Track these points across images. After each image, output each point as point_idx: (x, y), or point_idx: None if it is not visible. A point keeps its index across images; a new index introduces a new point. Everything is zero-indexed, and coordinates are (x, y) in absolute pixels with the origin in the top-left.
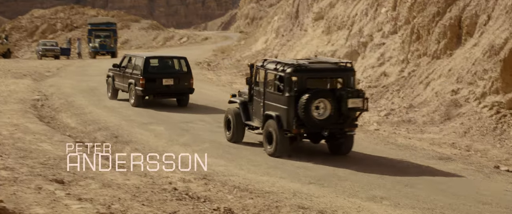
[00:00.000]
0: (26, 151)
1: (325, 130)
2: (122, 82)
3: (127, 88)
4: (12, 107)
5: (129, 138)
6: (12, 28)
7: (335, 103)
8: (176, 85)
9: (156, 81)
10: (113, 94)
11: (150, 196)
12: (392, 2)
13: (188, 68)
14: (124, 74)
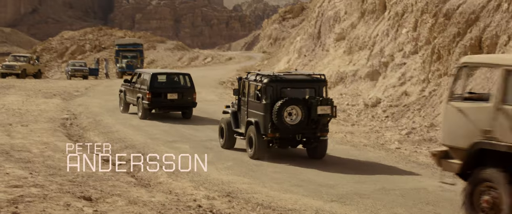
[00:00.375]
0: (55, 169)
1: (298, 135)
2: (132, 97)
3: (136, 101)
4: (42, 126)
5: (154, 156)
6: (43, 49)
7: (305, 110)
8: (180, 100)
9: (162, 95)
10: (124, 108)
11: (175, 213)
12: (413, 23)
13: (191, 84)
14: (133, 89)
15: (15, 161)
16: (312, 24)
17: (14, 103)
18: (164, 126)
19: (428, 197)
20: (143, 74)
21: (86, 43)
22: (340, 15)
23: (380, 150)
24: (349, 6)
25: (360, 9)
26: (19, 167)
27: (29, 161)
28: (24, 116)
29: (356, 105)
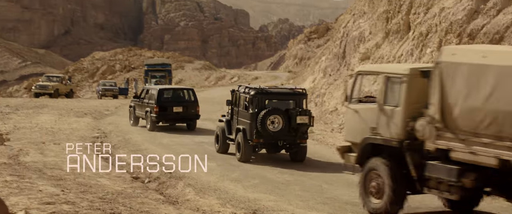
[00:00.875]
0: (86, 186)
1: (280, 141)
2: (141, 111)
3: (144, 115)
4: (74, 144)
5: (182, 174)
6: (74, 69)
7: (286, 119)
8: (185, 112)
9: (168, 109)
10: (134, 121)
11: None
12: (437, 43)
13: (195, 98)
14: (142, 104)
15: (48, 178)
16: (337, 44)
17: (47, 122)
18: (192, 144)
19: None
20: (151, 90)
21: (116, 64)
22: (364, 35)
23: None
24: (373, 26)
25: (385, 29)
26: (51, 184)
27: (61, 178)
28: (57, 134)
29: None
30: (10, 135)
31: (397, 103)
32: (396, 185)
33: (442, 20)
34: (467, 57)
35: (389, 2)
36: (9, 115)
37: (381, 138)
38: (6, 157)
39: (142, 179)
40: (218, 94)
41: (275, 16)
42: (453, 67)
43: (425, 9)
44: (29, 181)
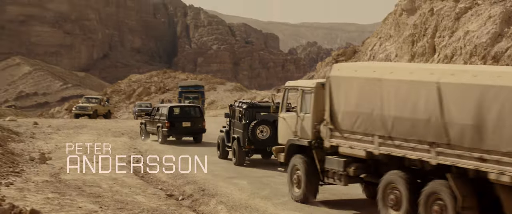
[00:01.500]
0: (123, 203)
1: (268, 147)
2: (152, 127)
3: (156, 131)
4: (112, 162)
5: (214, 191)
6: (112, 91)
7: (273, 129)
8: (192, 127)
9: (177, 124)
10: (145, 136)
11: None
12: (462, 64)
13: (201, 114)
14: (153, 121)
15: (87, 196)
16: None
17: (86, 141)
18: (223, 163)
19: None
20: (161, 108)
21: (152, 85)
22: (391, 57)
23: None
24: (399, 49)
25: (410, 52)
26: (90, 201)
27: (99, 195)
28: (96, 153)
29: None
30: (51, 154)
31: (307, 111)
32: (309, 177)
33: (466, 43)
34: (345, 72)
35: (414, 26)
36: (51, 135)
37: (298, 139)
38: (48, 175)
39: (176, 196)
40: None
41: (304, 39)
42: (337, 80)
43: (450, 33)
44: (70, 198)
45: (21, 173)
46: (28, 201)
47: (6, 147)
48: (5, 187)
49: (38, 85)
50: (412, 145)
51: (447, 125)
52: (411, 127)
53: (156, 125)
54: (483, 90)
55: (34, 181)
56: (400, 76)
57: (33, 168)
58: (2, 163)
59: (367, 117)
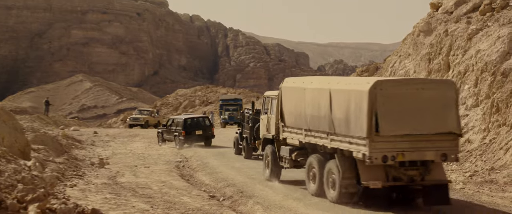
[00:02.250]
0: (171, 203)
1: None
2: (169, 135)
3: (172, 139)
4: (161, 167)
5: (252, 193)
6: (161, 104)
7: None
8: (204, 134)
9: (191, 132)
10: (162, 143)
11: None
12: (474, 80)
13: (210, 123)
14: (169, 130)
15: (139, 196)
16: None
17: (139, 149)
18: (260, 168)
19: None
20: (176, 119)
21: (196, 99)
22: (410, 73)
23: None
24: (417, 66)
25: (427, 68)
26: (142, 201)
27: (150, 196)
28: (147, 159)
29: None
30: (109, 160)
31: (273, 113)
32: (274, 162)
33: (478, 60)
34: (289, 83)
35: (431, 45)
36: (108, 142)
37: (268, 134)
38: (106, 178)
39: (218, 197)
40: None
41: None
42: (284, 90)
43: (463, 51)
44: (125, 198)
45: (83, 176)
46: (89, 200)
47: (71, 153)
48: (69, 188)
49: (97, 99)
50: (319, 135)
51: (333, 119)
52: (318, 122)
53: (173, 134)
54: (346, 94)
55: (94, 183)
56: (313, 86)
57: (93, 172)
58: (67, 167)
59: (298, 115)
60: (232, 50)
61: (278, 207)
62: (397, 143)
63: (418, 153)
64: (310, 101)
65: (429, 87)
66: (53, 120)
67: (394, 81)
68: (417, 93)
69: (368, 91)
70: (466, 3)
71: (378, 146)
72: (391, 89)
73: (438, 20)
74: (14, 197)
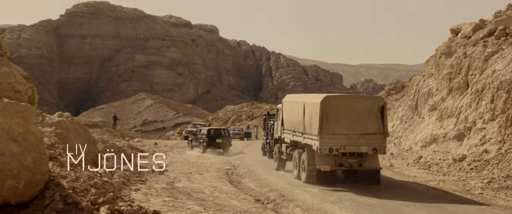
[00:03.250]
0: (221, 205)
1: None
2: (196, 142)
3: (198, 145)
4: (212, 174)
5: (292, 197)
6: (213, 118)
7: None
8: (222, 142)
9: (213, 140)
10: (191, 148)
11: None
12: (491, 97)
13: (228, 133)
14: (196, 138)
15: (194, 199)
16: (411, 98)
17: (193, 158)
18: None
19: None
20: (202, 129)
21: (243, 114)
22: (432, 91)
23: (466, 194)
24: (439, 84)
25: (448, 86)
26: (196, 204)
27: (203, 199)
28: (200, 167)
29: (446, 160)
30: (167, 167)
31: (279, 120)
32: (279, 156)
33: (494, 79)
34: (287, 98)
35: (451, 66)
36: (167, 152)
37: (277, 136)
38: (165, 183)
39: (262, 201)
40: None
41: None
42: (285, 103)
43: (480, 71)
44: (181, 201)
45: (145, 182)
46: (150, 203)
47: (135, 162)
48: (134, 192)
49: (157, 114)
50: (298, 135)
51: (305, 123)
52: (298, 125)
53: (199, 141)
54: (308, 105)
55: (155, 187)
56: (298, 100)
57: (154, 178)
58: (132, 174)
59: (290, 121)
60: (274, 71)
61: (315, 209)
62: (339, 140)
63: (355, 147)
64: (295, 111)
65: (362, 101)
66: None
67: (338, 96)
68: (354, 105)
69: (320, 103)
70: (482, 28)
71: (326, 141)
72: (335, 102)
73: (457, 43)
74: (88, 199)
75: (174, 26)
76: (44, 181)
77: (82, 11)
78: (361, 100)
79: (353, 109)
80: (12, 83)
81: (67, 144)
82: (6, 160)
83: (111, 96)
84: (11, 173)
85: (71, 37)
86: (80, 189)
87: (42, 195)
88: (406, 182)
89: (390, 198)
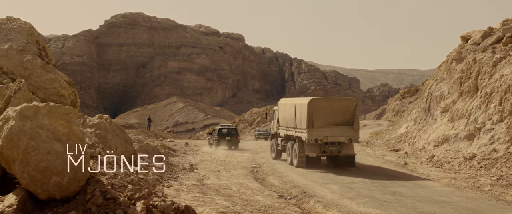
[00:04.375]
0: (247, 201)
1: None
2: (211, 140)
3: (213, 142)
4: (239, 172)
5: (313, 193)
6: (239, 120)
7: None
8: (231, 140)
9: (223, 137)
10: (209, 146)
11: None
12: (499, 100)
13: (236, 132)
14: (212, 136)
15: (222, 195)
16: (424, 101)
17: (221, 156)
18: (320, 173)
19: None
20: (216, 129)
21: (268, 116)
22: (444, 94)
23: (476, 191)
24: (451, 88)
25: (459, 90)
26: (224, 199)
27: (230, 195)
28: (227, 164)
29: (457, 159)
30: (197, 165)
31: (275, 118)
32: (275, 148)
33: (502, 83)
34: (281, 102)
35: (462, 71)
36: (197, 151)
37: (274, 131)
38: (195, 180)
39: (285, 196)
40: None
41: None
42: (280, 105)
43: (489, 76)
44: (210, 196)
45: (177, 178)
46: (182, 198)
47: (167, 160)
48: (167, 188)
49: (188, 116)
50: (291, 129)
51: (296, 120)
52: (290, 122)
53: (213, 139)
54: (298, 106)
55: (185, 184)
56: (290, 102)
57: (185, 175)
58: (165, 171)
59: (284, 119)
60: (296, 76)
61: (335, 205)
62: (323, 132)
63: (335, 137)
64: (288, 111)
65: (339, 102)
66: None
67: (321, 98)
68: (333, 105)
69: (307, 104)
70: (491, 36)
71: (312, 133)
72: (319, 103)
73: (467, 50)
74: (125, 195)
75: (203, 35)
76: (85, 177)
77: (119, 21)
78: (339, 101)
79: (333, 108)
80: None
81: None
82: (51, 158)
83: (146, 100)
84: (56, 170)
85: (109, 46)
86: (118, 185)
87: (84, 190)
88: (421, 180)
89: (405, 195)
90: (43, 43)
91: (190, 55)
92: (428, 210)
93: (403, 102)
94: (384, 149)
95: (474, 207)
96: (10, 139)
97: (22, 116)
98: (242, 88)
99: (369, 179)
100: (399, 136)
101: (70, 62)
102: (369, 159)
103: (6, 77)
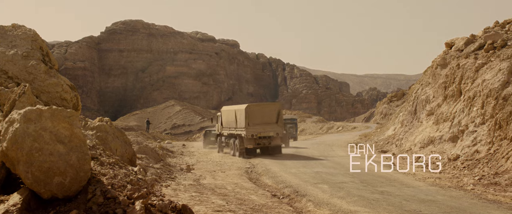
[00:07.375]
0: (241, 200)
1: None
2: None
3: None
4: (234, 172)
5: (305, 192)
6: None
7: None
8: (215, 139)
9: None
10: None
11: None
12: (481, 103)
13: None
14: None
15: (217, 195)
16: (410, 104)
17: (217, 158)
18: (311, 173)
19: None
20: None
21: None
22: (430, 98)
23: (460, 190)
24: (436, 92)
25: (444, 94)
26: (219, 198)
27: (226, 194)
28: (222, 165)
29: (442, 160)
30: (194, 166)
31: (219, 122)
32: (220, 144)
33: (483, 88)
34: (224, 109)
35: (446, 76)
36: (193, 153)
37: (218, 132)
38: (192, 180)
39: (278, 196)
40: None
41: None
42: (223, 111)
43: (472, 81)
44: (206, 196)
45: (174, 179)
46: (179, 197)
47: (165, 161)
48: (165, 187)
49: (185, 119)
50: (232, 129)
51: (236, 121)
52: (232, 123)
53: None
54: (238, 111)
55: (183, 184)
56: (231, 109)
57: (182, 175)
58: (163, 172)
59: (227, 121)
60: (289, 80)
61: (325, 204)
62: (257, 129)
63: (266, 132)
64: (230, 115)
65: (269, 106)
66: (152, 135)
67: (254, 104)
68: (263, 108)
69: (244, 109)
70: (473, 42)
71: (249, 130)
72: (253, 107)
73: (451, 56)
74: (125, 194)
75: (200, 41)
76: (86, 178)
77: (119, 28)
78: (268, 105)
79: (263, 111)
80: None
81: (106, 145)
82: (54, 159)
83: (145, 103)
84: (58, 171)
85: (110, 51)
86: (118, 185)
87: (85, 190)
88: (407, 180)
89: (392, 195)
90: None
91: (187, 60)
92: (414, 208)
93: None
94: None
95: (458, 205)
96: (14, 141)
97: (26, 118)
98: (237, 92)
99: (358, 179)
100: (386, 138)
101: (72, 67)
102: (359, 160)
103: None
